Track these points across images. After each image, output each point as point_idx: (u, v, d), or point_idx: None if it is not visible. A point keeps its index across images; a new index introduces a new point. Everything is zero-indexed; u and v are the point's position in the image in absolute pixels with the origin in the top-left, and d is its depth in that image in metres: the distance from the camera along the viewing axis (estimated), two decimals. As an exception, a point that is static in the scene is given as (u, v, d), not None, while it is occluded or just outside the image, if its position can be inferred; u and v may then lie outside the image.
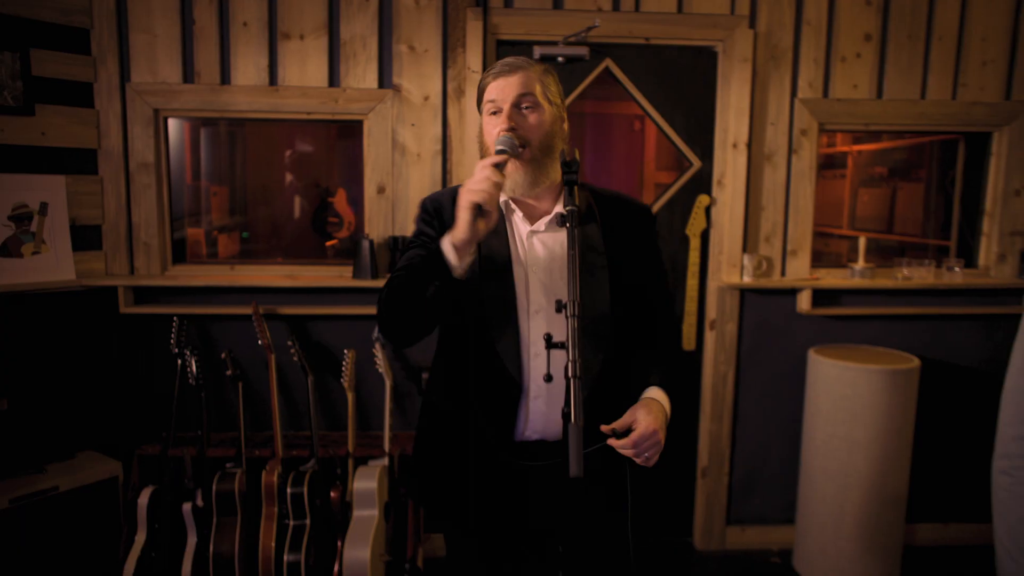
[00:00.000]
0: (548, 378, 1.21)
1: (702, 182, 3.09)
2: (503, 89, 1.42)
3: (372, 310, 2.89)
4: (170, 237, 2.97)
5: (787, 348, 3.14)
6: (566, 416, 1.11)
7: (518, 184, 1.42)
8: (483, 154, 1.44)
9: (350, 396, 2.79)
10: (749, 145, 3.01)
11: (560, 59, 2.94)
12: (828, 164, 4.30)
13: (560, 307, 1.16)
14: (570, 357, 1.11)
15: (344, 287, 2.94)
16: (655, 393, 1.43)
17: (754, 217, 3.06)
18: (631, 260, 1.51)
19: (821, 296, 3.12)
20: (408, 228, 2.98)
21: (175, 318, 2.78)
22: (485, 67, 2.89)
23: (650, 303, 1.56)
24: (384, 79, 2.91)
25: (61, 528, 2.48)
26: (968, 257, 3.28)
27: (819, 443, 2.96)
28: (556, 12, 2.91)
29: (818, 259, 3.25)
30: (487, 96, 1.44)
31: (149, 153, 2.86)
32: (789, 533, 3.22)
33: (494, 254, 1.44)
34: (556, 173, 1.46)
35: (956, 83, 3.06)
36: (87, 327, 2.83)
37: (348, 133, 3.58)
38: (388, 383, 2.83)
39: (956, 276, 3.13)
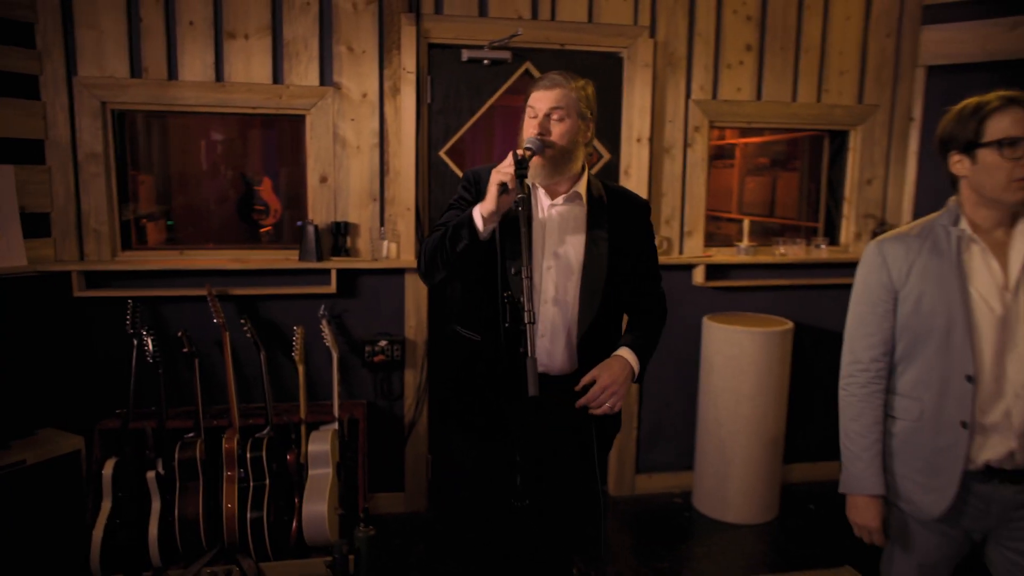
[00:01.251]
0: (507, 323, 1.59)
1: (611, 172, 3.51)
2: (541, 99, 1.77)
3: (318, 289, 3.18)
4: (119, 224, 3.11)
5: (685, 316, 3.62)
6: (523, 354, 1.48)
7: (540, 176, 1.78)
8: (518, 144, 1.79)
9: (300, 368, 3.04)
10: (651, 140, 3.45)
11: (486, 61, 3.28)
12: (719, 155, 4.85)
13: (518, 270, 1.52)
14: (525, 308, 1.46)
15: (291, 269, 3.18)
16: (623, 352, 1.84)
17: (656, 202, 3.51)
18: (629, 244, 1.88)
19: (713, 271, 3.62)
20: (349, 214, 3.25)
21: (129, 301, 2.95)
22: (418, 67, 3.19)
23: (644, 281, 1.96)
24: (325, 77, 3.15)
25: (30, 499, 2.62)
26: (832, 236, 3.87)
27: (712, 396, 3.46)
28: (482, 19, 3.24)
29: (711, 239, 3.74)
30: (530, 102, 1.79)
31: (97, 144, 2.99)
32: (689, 477, 3.71)
33: (519, 222, 1.78)
34: (573, 169, 1.82)
35: (820, 88, 3.61)
36: (41, 311, 2.95)
37: (270, 124, 3.75)
38: (335, 356, 3.10)
39: (822, 252, 3.71)
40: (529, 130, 1.78)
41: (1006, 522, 1.64)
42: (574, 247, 1.84)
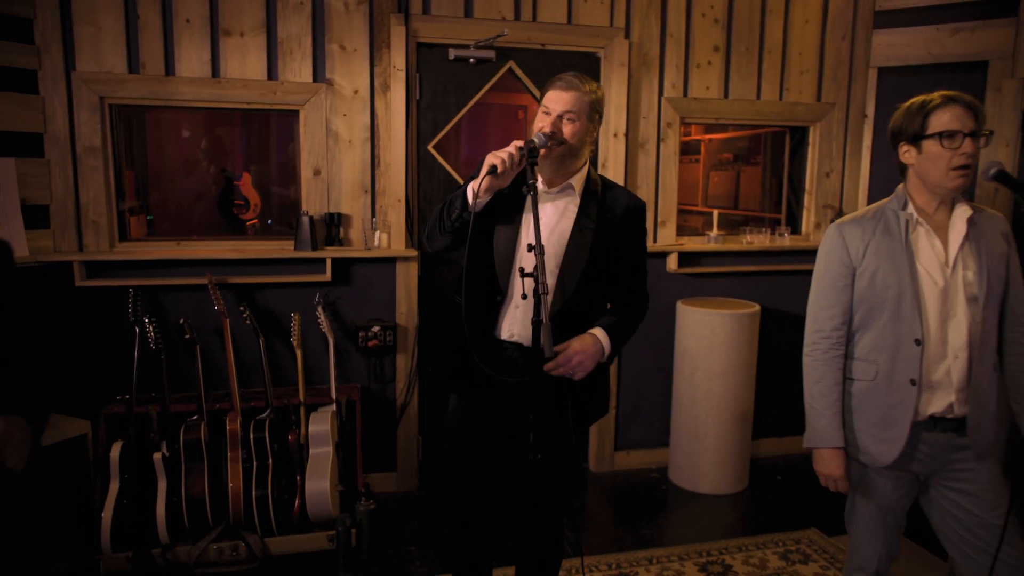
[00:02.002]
0: (523, 296, 1.77)
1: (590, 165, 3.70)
2: (556, 100, 1.91)
3: (314, 278, 3.33)
4: (117, 216, 3.20)
5: (660, 301, 3.84)
6: (536, 323, 1.66)
7: (545, 169, 1.94)
8: (528, 135, 1.94)
9: (299, 353, 3.18)
10: (627, 135, 3.66)
11: (471, 60, 3.45)
12: (684, 150, 5.09)
13: (530, 248, 1.70)
14: (539, 280, 1.65)
15: (287, 258, 3.30)
16: (595, 330, 1.99)
17: (632, 194, 3.72)
18: (616, 239, 2.00)
19: (685, 258, 3.85)
20: (342, 206, 3.39)
21: (130, 290, 3.05)
22: (408, 65, 3.34)
23: (631, 279, 2.10)
24: (318, 74, 3.28)
25: (40, 480, 2.71)
26: (794, 226, 4.14)
27: (686, 376, 3.69)
28: (468, 20, 3.40)
29: (679, 231, 3.97)
30: (545, 100, 1.94)
31: (96, 138, 3.08)
32: (665, 453, 3.94)
33: (512, 207, 1.96)
34: (576, 165, 1.98)
35: (782, 87, 3.86)
36: (44, 300, 3.03)
37: (249, 120, 3.84)
38: (331, 341, 3.24)
39: (785, 241, 3.97)
40: (541, 126, 1.94)
41: (944, 464, 1.89)
42: (559, 233, 1.99)
